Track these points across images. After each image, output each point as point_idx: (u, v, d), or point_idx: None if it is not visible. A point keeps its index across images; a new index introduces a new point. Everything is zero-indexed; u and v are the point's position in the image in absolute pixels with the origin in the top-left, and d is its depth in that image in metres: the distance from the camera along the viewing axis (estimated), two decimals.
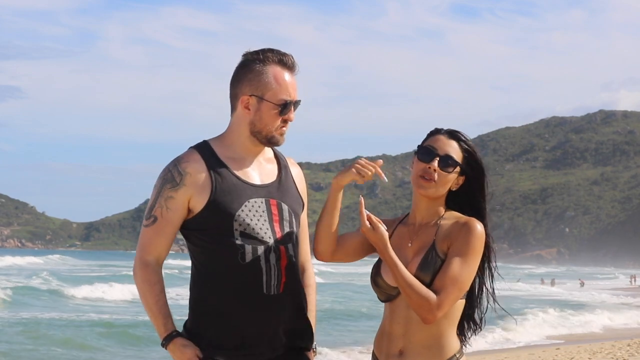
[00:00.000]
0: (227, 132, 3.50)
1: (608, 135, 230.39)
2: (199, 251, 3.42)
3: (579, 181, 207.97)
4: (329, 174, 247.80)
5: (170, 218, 3.39)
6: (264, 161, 3.52)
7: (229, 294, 3.35)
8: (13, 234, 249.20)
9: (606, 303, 36.81)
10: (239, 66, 3.46)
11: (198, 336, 3.38)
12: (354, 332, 22.18)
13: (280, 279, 3.38)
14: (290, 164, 3.61)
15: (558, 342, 19.90)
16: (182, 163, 3.41)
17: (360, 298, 34.17)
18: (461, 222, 3.38)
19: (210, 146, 3.46)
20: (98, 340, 18.80)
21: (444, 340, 3.36)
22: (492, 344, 19.08)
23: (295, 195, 3.54)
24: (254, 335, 3.35)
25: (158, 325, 3.38)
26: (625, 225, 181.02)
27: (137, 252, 3.45)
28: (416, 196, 3.49)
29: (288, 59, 3.44)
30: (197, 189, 3.37)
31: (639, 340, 18.63)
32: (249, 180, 3.43)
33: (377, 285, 3.41)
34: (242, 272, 3.35)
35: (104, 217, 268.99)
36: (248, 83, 3.42)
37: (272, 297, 3.36)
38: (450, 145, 3.45)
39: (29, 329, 19.97)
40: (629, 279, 71.64)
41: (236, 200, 3.37)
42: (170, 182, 3.39)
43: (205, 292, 3.40)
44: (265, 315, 3.36)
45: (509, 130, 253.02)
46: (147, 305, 3.40)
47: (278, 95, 3.41)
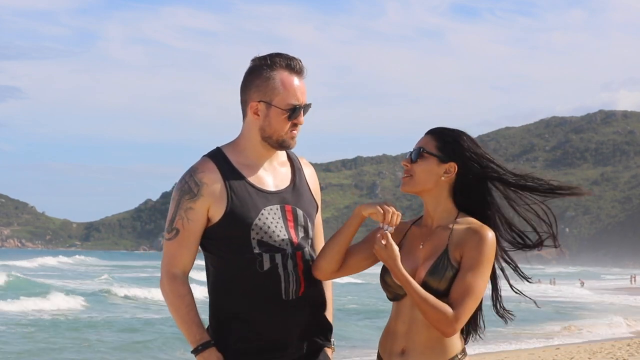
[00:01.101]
0: (239, 138, 3.51)
1: (608, 135, 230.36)
2: (217, 259, 3.43)
3: (579, 181, 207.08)
4: (329, 174, 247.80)
5: (192, 229, 3.39)
6: (278, 165, 3.53)
7: (248, 301, 3.37)
8: (13, 234, 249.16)
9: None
10: (248, 72, 3.47)
11: (220, 342, 3.40)
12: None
13: (299, 284, 3.40)
14: (303, 165, 3.63)
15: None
16: (198, 173, 3.41)
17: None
18: (473, 229, 3.35)
19: (224, 153, 3.46)
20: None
21: (447, 341, 3.35)
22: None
23: (309, 198, 3.56)
24: (274, 340, 3.38)
25: (192, 334, 3.38)
26: (625, 225, 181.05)
27: (162, 265, 3.45)
28: (424, 199, 3.47)
29: (296, 64, 3.44)
30: (214, 198, 3.38)
31: (639, 340, 18.64)
32: (263, 187, 3.44)
33: (385, 284, 3.42)
34: (261, 280, 3.36)
35: (104, 217, 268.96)
36: (256, 89, 3.43)
37: (291, 302, 3.39)
38: (423, 140, 3.47)
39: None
40: (629, 279, 71.68)
41: (253, 209, 3.39)
42: (188, 193, 3.40)
43: (224, 299, 3.42)
44: (285, 321, 3.38)
45: (509, 130, 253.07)
46: (178, 317, 3.39)
47: (286, 100, 3.41)
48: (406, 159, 3.45)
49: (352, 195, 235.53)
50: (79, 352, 17.05)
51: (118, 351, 17.35)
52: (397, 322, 3.40)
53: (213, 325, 3.45)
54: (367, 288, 42.92)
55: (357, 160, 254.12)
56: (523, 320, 25.46)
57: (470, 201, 3.45)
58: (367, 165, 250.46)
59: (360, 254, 3.48)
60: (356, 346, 18.68)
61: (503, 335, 20.61)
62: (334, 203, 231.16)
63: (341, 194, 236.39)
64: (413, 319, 3.35)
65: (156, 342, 18.41)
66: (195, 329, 3.37)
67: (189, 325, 3.38)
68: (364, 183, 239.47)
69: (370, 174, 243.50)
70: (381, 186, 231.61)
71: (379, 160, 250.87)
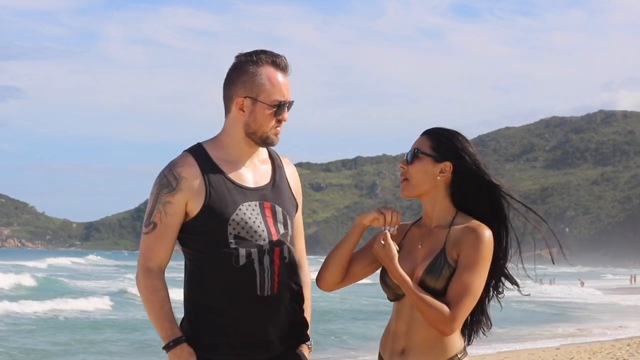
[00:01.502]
0: (221, 134, 3.51)
1: (608, 135, 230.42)
2: (194, 254, 3.44)
3: (579, 181, 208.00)
4: (329, 174, 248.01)
5: (169, 223, 3.40)
6: (259, 162, 3.53)
7: (224, 295, 3.37)
8: (13, 234, 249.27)
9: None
10: (232, 68, 3.48)
11: (193, 336, 3.40)
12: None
13: (274, 280, 3.40)
14: (285, 164, 3.62)
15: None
16: (177, 167, 3.42)
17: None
18: (470, 228, 3.36)
19: (205, 149, 3.47)
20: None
21: (447, 340, 3.36)
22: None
23: (289, 196, 3.54)
24: (248, 335, 3.37)
25: (164, 329, 3.37)
26: (625, 225, 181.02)
27: (139, 259, 3.45)
28: (421, 200, 3.48)
29: (281, 60, 3.46)
30: (193, 193, 3.39)
31: (639, 340, 18.64)
32: (242, 183, 3.44)
33: (386, 285, 3.42)
34: (236, 275, 3.36)
35: (104, 217, 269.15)
36: (242, 85, 3.43)
37: (266, 298, 3.38)
38: (418, 141, 3.49)
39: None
40: (629, 279, 71.69)
41: (231, 204, 3.39)
42: (167, 187, 3.41)
43: (199, 293, 3.42)
44: (260, 316, 3.38)
45: (509, 130, 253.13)
46: (151, 312, 3.39)
47: (272, 96, 3.42)
48: (402, 161, 3.48)
49: (352, 195, 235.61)
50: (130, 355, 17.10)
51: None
52: (397, 322, 3.41)
53: (187, 319, 3.45)
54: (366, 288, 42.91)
55: (357, 160, 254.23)
56: (523, 321, 25.47)
57: (467, 200, 3.46)
58: (367, 165, 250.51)
59: (363, 261, 3.49)
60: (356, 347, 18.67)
61: (503, 335, 20.61)
62: (334, 203, 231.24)
63: (341, 194, 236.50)
64: (413, 319, 3.36)
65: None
66: (167, 325, 3.36)
67: (161, 321, 3.37)
68: (364, 183, 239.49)
69: (370, 174, 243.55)
70: (381, 186, 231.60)
71: (379, 160, 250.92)
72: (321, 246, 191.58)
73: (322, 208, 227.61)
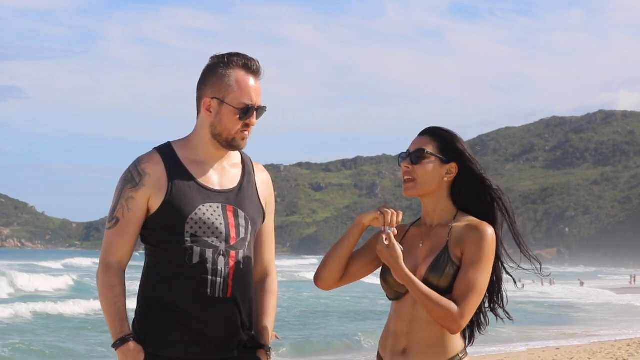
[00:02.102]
0: (191, 134, 3.51)
1: (608, 135, 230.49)
2: (152, 249, 3.45)
3: (579, 181, 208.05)
4: (329, 174, 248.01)
5: (131, 218, 3.41)
6: (229, 166, 3.52)
7: (175, 292, 3.37)
8: (13, 234, 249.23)
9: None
10: (205, 69, 3.48)
11: (144, 332, 3.41)
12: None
13: (227, 283, 3.39)
14: (258, 170, 3.60)
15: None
16: (142, 164, 3.44)
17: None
18: (472, 226, 3.38)
19: (173, 148, 3.48)
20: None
21: (448, 340, 3.36)
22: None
23: (256, 202, 3.52)
24: (198, 334, 3.38)
25: (114, 327, 3.38)
26: (625, 225, 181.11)
27: (100, 254, 3.46)
28: (422, 200, 3.48)
29: (253, 64, 3.44)
30: (155, 189, 3.40)
31: (639, 340, 18.64)
32: (207, 185, 3.44)
33: (386, 284, 3.42)
34: (188, 273, 3.36)
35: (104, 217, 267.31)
36: (211, 86, 3.44)
37: (217, 300, 3.37)
38: (420, 140, 3.48)
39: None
40: (629, 279, 71.70)
41: (190, 203, 3.39)
42: (131, 182, 3.43)
43: (154, 288, 3.43)
44: (210, 317, 3.37)
45: (509, 130, 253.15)
46: (105, 307, 3.40)
47: (239, 99, 3.41)
48: (405, 161, 3.45)
49: (352, 195, 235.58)
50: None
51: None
52: (398, 321, 3.40)
53: (140, 313, 3.45)
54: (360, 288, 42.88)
55: (357, 160, 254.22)
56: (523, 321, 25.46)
57: (468, 200, 3.47)
58: (367, 165, 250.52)
59: (362, 260, 3.49)
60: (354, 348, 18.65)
61: (503, 335, 20.61)
62: (334, 203, 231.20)
63: (341, 194, 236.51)
64: (414, 318, 3.36)
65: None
66: (117, 323, 3.37)
67: (112, 318, 3.38)
68: (364, 183, 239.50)
69: (370, 174, 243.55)
70: (381, 186, 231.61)
71: (379, 160, 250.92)
72: (321, 246, 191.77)
73: (322, 208, 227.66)
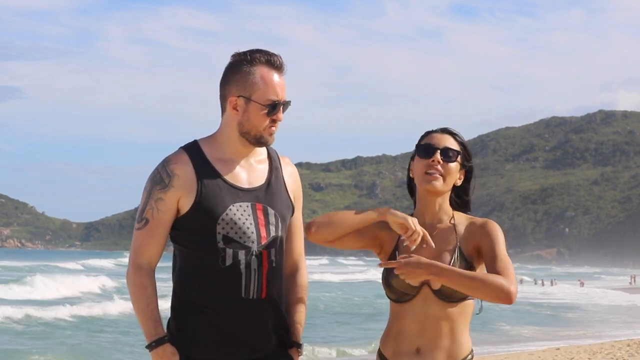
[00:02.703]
0: (217, 132, 3.49)
1: (608, 135, 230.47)
2: (183, 250, 3.43)
3: (579, 181, 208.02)
4: (329, 174, 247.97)
5: (161, 219, 3.39)
6: (255, 162, 3.50)
7: (209, 295, 3.36)
8: (13, 234, 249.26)
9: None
10: (227, 67, 3.46)
11: (178, 333, 3.40)
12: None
13: (261, 284, 3.38)
14: (285, 164, 3.57)
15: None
16: (170, 164, 3.41)
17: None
18: (479, 222, 3.45)
19: (200, 147, 3.46)
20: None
21: (461, 339, 3.39)
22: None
23: (285, 198, 3.50)
24: (232, 336, 3.36)
25: (147, 328, 3.36)
26: (625, 225, 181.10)
27: (130, 255, 3.44)
28: (425, 196, 3.49)
29: (276, 60, 3.42)
30: (184, 190, 3.37)
31: (639, 340, 18.64)
32: (236, 184, 3.42)
33: (390, 286, 3.41)
34: (222, 275, 3.35)
35: (104, 217, 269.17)
36: (236, 84, 3.42)
37: (251, 302, 3.36)
38: (445, 139, 3.50)
39: None
40: (629, 279, 71.69)
41: (221, 203, 3.37)
42: (160, 183, 3.40)
43: (187, 290, 3.41)
44: (244, 318, 3.36)
45: (509, 130, 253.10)
46: (137, 309, 3.38)
47: (265, 96, 3.39)
48: (436, 156, 3.45)
49: (352, 195, 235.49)
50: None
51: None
52: (406, 322, 3.40)
53: (174, 315, 3.44)
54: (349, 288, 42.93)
55: (357, 160, 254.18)
56: (523, 321, 25.46)
57: (460, 203, 3.56)
58: (367, 165, 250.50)
59: (357, 237, 3.49)
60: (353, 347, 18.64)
61: (503, 335, 20.61)
62: (334, 203, 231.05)
63: (341, 194, 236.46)
64: (426, 318, 3.37)
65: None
66: (151, 324, 3.35)
67: (145, 319, 3.36)
68: (363, 183, 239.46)
69: (370, 174, 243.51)
70: (381, 186, 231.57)
71: (379, 160, 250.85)
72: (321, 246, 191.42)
73: (322, 208, 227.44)
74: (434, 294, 3.36)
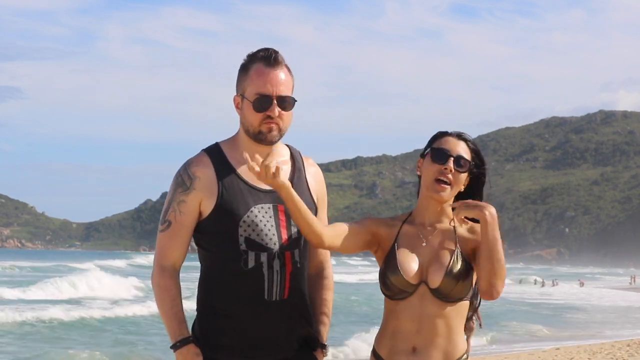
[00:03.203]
0: (236, 134, 3.50)
1: (608, 135, 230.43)
2: (205, 254, 3.43)
3: (579, 181, 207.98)
4: (329, 174, 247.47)
5: (183, 222, 3.38)
6: (278, 164, 3.45)
7: (232, 298, 3.35)
8: (13, 234, 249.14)
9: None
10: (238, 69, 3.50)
11: (202, 336, 3.40)
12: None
13: (284, 285, 3.37)
14: (308, 165, 3.56)
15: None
16: (192, 167, 3.41)
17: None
18: (478, 225, 3.41)
19: (221, 149, 3.46)
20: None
21: (457, 338, 3.39)
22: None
23: (307, 198, 3.47)
24: (256, 339, 3.35)
25: (172, 329, 3.37)
26: (625, 225, 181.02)
27: (154, 257, 3.44)
28: (427, 199, 3.47)
29: (271, 54, 3.40)
30: (206, 192, 3.37)
31: (639, 340, 18.64)
32: (257, 185, 3.41)
33: (387, 284, 3.40)
34: (244, 278, 3.34)
35: (104, 217, 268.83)
36: (238, 83, 3.45)
37: (274, 304, 3.35)
38: (459, 145, 3.46)
39: None
40: (629, 279, 71.66)
41: (242, 206, 3.36)
42: (182, 186, 3.40)
43: (210, 294, 3.41)
44: (268, 321, 3.35)
45: (509, 131, 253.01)
46: (162, 310, 3.39)
47: (255, 90, 3.38)
48: (450, 164, 3.41)
49: (352, 196, 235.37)
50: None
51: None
52: (402, 321, 3.39)
53: (198, 318, 3.45)
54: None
55: (357, 160, 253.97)
56: (523, 321, 25.45)
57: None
58: (367, 166, 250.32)
59: (356, 235, 3.45)
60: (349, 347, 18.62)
61: (503, 335, 20.60)
62: (334, 203, 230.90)
63: (341, 194, 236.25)
64: (423, 317, 3.36)
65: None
66: (176, 325, 3.36)
67: (170, 320, 3.37)
68: (364, 183, 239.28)
69: (370, 174, 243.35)
70: (381, 186, 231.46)
71: (379, 160, 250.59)
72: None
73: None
74: (431, 292, 3.35)
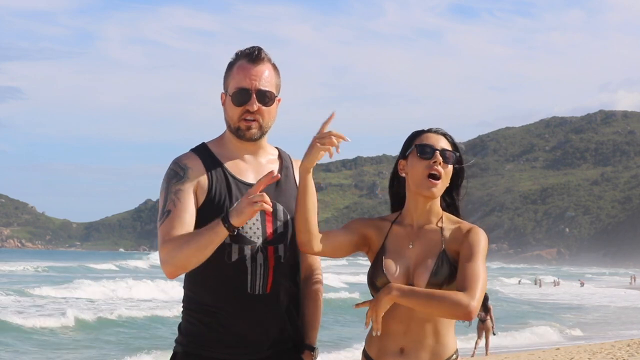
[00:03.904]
0: (224, 132, 3.52)
1: (608, 135, 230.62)
2: None
3: (579, 181, 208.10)
4: (329, 174, 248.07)
5: (183, 206, 3.33)
6: (266, 162, 3.50)
7: (215, 291, 3.35)
8: (13, 234, 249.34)
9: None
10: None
11: (188, 333, 3.39)
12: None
13: (266, 279, 3.36)
14: (297, 165, 3.55)
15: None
16: (182, 160, 3.43)
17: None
18: (465, 228, 3.40)
19: (208, 147, 3.48)
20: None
21: (446, 339, 3.38)
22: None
23: (294, 196, 3.48)
24: (240, 335, 3.35)
25: (209, 228, 3.22)
26: (625, 225, 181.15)
27: (159, 247, 3.36)
28: (415, 198, 3.45)
29: (253, 50, 3.42)
30: (199, 182, 3.38)
31: (639, 340, 18.64)
32: (243, 179, 3.43)
33: (375, 288, 3.39)
34: (227, 271, 3.34)
35: (104, 217, 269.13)
36: (223, 81, 3.46)
37: (257, 297, 3.35)
38: (441, 140, 3.45)
39: None
40: (629, 279, 71.71)
41: (229, 199, 3.38)
42: (175, 177, 3.39)
43: (194, 288, 3.41)
44: (250, 315, 3.35)
45: (509, 131, 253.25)
46: (195, 241, 3.23)
47: (234, 85, 3.39)
48: (437, 157, 3.39)
49: (352, 195, 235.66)
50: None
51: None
52: (392, 322, 3.38)
53: (184, 315, 3.44)
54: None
55: (357, 160, 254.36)
56: (523, 321, 25.47)
57: (449, 203, 3.50)
58: (367, 165, 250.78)
59: (342, 236, 3.46)
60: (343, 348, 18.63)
61: (503, 335, 20.62)
62: (334, 203, 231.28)
63: (341, 194, 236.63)
64: (411, 318, 3.35)
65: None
66: (207, 228, 3.22)
67: (200, 235, 3.24)
68: (364, 183, 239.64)
69: (370, 174, 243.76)
70: (381, 186, 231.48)
71: (379, 160, 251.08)
72: None
73: (322, 208, 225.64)
74: None
